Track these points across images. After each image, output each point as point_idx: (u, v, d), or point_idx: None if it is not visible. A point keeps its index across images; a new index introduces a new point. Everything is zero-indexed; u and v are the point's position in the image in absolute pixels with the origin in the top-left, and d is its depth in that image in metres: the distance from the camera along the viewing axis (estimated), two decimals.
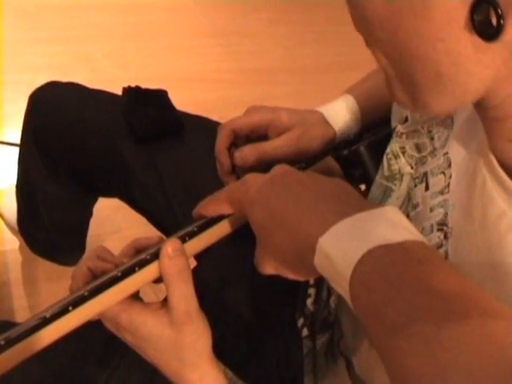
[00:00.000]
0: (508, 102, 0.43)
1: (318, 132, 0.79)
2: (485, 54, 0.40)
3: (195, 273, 0.55)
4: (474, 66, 0.41)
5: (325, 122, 0.79)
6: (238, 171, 0.79)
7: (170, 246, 0.54)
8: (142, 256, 0.54)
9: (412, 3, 0.39)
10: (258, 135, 0.79)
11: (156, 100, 0.93)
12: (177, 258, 0.53)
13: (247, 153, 0.77)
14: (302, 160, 0.77)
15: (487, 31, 0.38)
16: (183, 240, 0.56)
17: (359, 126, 0.81)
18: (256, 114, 0.79)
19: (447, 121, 0.58)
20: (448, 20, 0.39)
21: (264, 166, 0.76)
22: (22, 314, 1.33)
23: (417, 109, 0.50)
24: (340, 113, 0.80)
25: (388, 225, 0.43)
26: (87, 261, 0.58)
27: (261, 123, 0.78)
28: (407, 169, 0.62)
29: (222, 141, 0.78)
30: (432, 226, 0.55)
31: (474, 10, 0.37)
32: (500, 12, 0.36)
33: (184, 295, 0.53)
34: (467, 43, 0.40)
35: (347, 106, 0.80)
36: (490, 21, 0.37)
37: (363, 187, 0.71)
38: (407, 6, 0.40)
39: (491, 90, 0.43)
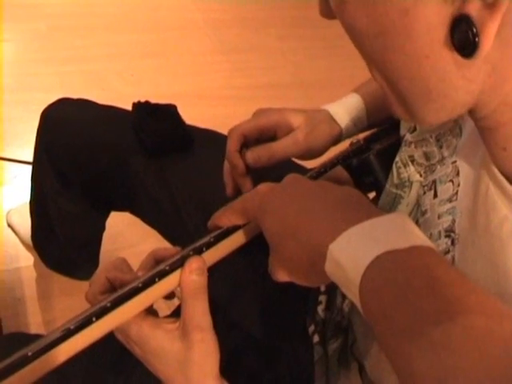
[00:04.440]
0: (498, 112, 0.44)
1: (324, 129, 0.80)
2: (469, 70, 0.41)
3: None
4: (460, 81, 0.42)
5: (331, 119, 0.80)
6: (251, 173, 0.79)
7: (195, 263, 0.55)
8: (162, 267, 0.55)
9: (394, 23, 0.41)
10: (268, 137, 0.80)
11: (165, 114, 0.94)
12: (198, 276, 0.54)
13: (259, 153, 0.78)
14: (312, 157, 0.79)
15: (466, 48, 0.39)
16: (200, 250, 0.56)
17: (365, 125, 0.82)
18: (263, 117, 0.80)
19: (456, 130, 0.58)
20: (430, 38, 0.40)
21: (276, 165, 0.78)
22: (37, 329, 1.33)
23: (416, 122, 0.51)
24: (346, 111, 0.81)
25: (396, 231, 0.44)
26: (106, 272, 0.59)
27: (269, 125, 0.79)
28: (416, 177, 0.62)
29: (232, 144, 0.79)
30: (440, 232, 0.55)
31: (453, 28, 0.39)
32: (475, 30, 0.37)
33: (198, 313, 0.54)
34: (449, 60, 0.41)
35: (353, 103, 0.81)
36: (469, 38, 0.38)
37: (373, 195, 0.72)
38: (390, 26, 0.41)
39: (480, 101, 0.44)
